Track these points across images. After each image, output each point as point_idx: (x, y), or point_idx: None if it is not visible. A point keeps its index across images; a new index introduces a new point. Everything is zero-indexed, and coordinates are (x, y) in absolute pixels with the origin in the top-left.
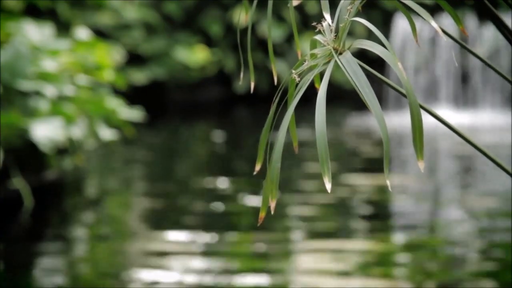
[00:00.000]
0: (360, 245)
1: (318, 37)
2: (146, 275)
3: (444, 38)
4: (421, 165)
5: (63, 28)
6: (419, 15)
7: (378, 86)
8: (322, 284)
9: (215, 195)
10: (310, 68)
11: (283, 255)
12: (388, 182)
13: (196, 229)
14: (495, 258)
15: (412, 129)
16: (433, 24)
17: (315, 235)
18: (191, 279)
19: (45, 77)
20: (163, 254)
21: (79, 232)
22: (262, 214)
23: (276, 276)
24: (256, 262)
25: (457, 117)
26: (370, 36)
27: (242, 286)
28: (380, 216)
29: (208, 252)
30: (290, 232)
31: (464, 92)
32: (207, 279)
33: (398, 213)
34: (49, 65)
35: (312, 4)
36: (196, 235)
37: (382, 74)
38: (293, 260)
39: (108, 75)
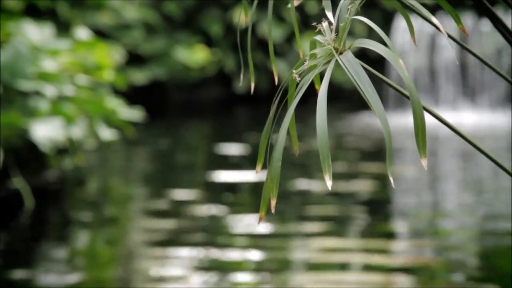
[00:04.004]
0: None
1: (318, 37)
2: (149, 270)
3: (445, 35)
4: (424, 162)
5: (63, 28)
6: (419, 14)
7: (379, 86)
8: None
9: (216, 195)
10: (310, 68)
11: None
12: (391, 179)
13: (196, 229)
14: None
15: (415, 127)
16: (434, 20)
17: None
18: (195, 271)
19: (45, 77)
20: (163, 250)
21: (79, 232)
22: (261, 214)
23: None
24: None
25: (458, 117)
26: (370, 35)
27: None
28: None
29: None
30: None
31: (464, 92)
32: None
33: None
34: (49, 65)
35: (312, 4)
36: (196, 234)
37: (382, 74)
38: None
39: (108, 75)
